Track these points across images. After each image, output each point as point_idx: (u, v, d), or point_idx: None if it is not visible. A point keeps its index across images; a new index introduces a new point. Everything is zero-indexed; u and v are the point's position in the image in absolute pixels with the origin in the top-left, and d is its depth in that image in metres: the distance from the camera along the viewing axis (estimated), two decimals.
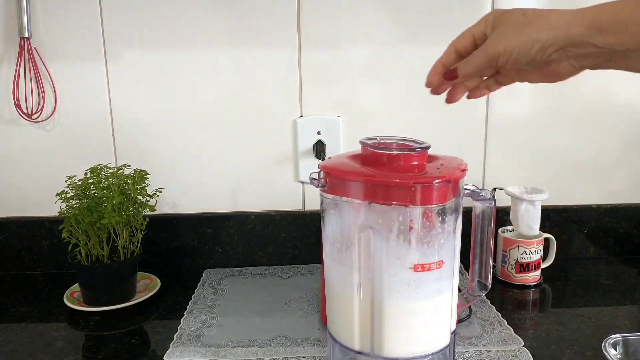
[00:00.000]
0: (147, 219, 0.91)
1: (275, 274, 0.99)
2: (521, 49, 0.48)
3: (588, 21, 0.45)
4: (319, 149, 0.98)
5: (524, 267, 0.92)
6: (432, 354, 0.60)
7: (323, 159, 0.97)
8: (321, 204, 0.63)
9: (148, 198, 0.89)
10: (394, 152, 0.59)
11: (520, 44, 0.48)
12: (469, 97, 0.59)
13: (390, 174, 0.56)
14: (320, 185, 0.60)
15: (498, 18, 0.50)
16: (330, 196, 0.60)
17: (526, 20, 0.48)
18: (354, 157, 0.63)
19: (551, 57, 0.48)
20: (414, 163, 0.59)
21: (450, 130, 1.00)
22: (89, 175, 0.86)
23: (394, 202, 0.55)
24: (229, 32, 0.95)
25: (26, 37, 0.92)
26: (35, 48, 0.94)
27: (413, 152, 0.59)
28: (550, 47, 0.47)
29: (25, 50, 0.93)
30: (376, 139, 0.62)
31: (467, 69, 0.53)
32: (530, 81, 0.55)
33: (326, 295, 0.66)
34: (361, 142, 0.61)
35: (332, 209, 0.61)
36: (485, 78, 0.58)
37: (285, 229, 1.02)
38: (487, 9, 0.96)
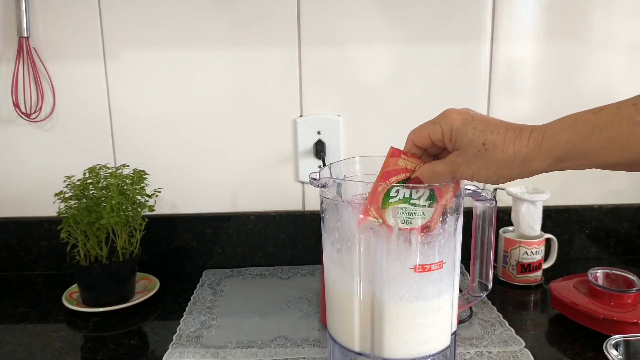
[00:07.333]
0: (146, 219, 0.90)
1: (275, 274, 0.99)
2: (488, 179, 0.52)
3: (546, 155, 0.49)
4: (319, 149, 0.98)
5: (525, 268, 0.92)
6: (433, 355, 0.59)
7: (323, 159, 0.97)
8: (321, 204, 0.62)
9: (147, 198, 0.88)
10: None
11: (487, 176, 0.51)
12: None
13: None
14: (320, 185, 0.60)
15: (456, 137, 0.52)
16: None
17: (488, 153, 0.50)
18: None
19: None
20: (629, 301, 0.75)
21: None
22: (87, 175, 0.86)
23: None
24: (228, 31, 0.95)
25: (25, 37, 0.92)
26: (34, 47, 0.94)
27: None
28: (516, 177, 0.52)
29: (24, 49, 0.93)
30: None
31: (431, 181, 0.55)
32: None
33: (326, 296, 0.65)
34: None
35: (332, 209, 0.61)
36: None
37: (285, 229, 1.02)
38: (488, 10, 0.95)
